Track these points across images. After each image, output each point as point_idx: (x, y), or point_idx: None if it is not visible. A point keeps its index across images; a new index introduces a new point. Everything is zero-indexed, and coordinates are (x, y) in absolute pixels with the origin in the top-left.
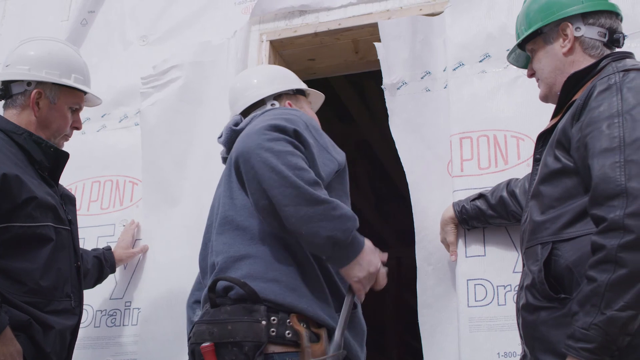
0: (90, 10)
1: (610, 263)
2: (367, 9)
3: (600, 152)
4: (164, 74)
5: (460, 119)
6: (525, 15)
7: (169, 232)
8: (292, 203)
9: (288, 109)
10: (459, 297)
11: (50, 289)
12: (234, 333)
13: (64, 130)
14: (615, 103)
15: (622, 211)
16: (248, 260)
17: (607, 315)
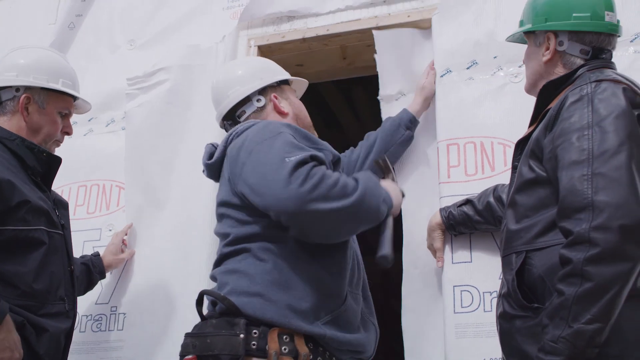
0: (78, 13)
1: (576, 276)
2: (356, 15)
3: (569, 165)
4: (151, 76)
5: (447, 126)
6: (527, 7)
7: (156, 236)
8: (357, 223)
9: (271, 124)
10: (445, 303)
11: (44, 292)
12: (212, 346)
13: (55, 136)
14: (586, 115)
15: (588, 224)
16: (235, 275)
17: (575, 329)
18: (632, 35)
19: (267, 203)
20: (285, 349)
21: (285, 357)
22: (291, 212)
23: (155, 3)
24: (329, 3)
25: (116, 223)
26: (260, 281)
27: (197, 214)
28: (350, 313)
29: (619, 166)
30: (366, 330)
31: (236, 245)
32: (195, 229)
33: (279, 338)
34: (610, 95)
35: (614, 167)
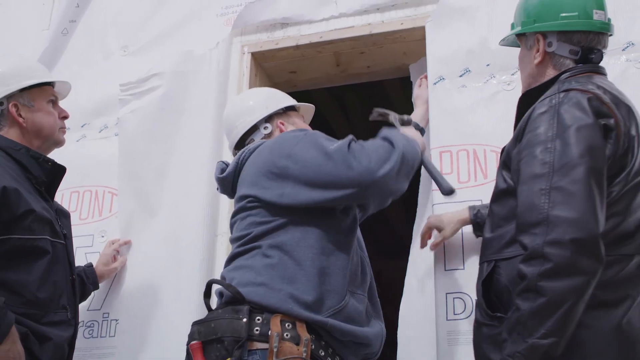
0: (72, 19)
1: (531, 291)
2: (349, 22)
3: (530, 178)
4: (144, 82)
5: (440, 133)
6: (518, 8)
7: (148, 243)
8: (411, 168)
9: (288, 132)
10: (438, 310)
11: (47, 300)
12: (216, 330)
13: (56, 125)
14: (551, 126)
15: (542, 239)
16: (241, 270)
17: (529, 344)
18: (624, 44)
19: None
20: (287, 335)
21: (287, 342)
22: (367, 186)
23: (149, 9)
24: (322, 10)
25: (109, 229)
26: (265, 273)
27: (189, 220)
28: (352, 310)
29: (577, 180)
30: (371, 327)
31: (247, 245)
32: (188, 235)
33: (281, 324)
34: (575, 106)
35: (572, 180)
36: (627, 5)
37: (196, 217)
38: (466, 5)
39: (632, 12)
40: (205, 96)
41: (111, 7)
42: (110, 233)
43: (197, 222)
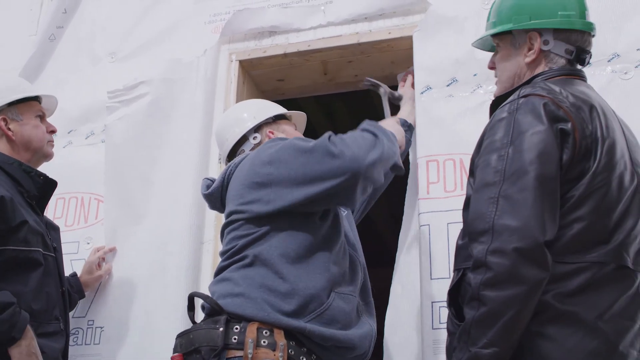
0: (59, 25)
1: (475, 300)
2: (337, 31)
3: (482, 186)
4: (132, 89)
5: (427, 143)
6: (500, 7)
7: (134, 250)
8: (394, 154)
9: (268, 141)
10: (424, 319)
11: (41, 312)
12: (194, 341)
13: (44, 138)
14: (507, 133)
15: (485, 248)
16: (222, 282)
17: (472, 352)
18: (609, 55)
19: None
20: (264, 342)
21: (263, 349)
22: (355, 173)
23: (136, 16)
24: (310, 19)
25: (94, 236)
26: (243, 283)
27: (174, 227)
28: (337, 311)
29: (525, 187)
30: (359, 327)
31: (229, 259)
32: (173, 243)
33: (258, 332)
34: (530, 112)
35: (519, 188)
36: (613, 16)
37: (182, 224)
38: (453, 16)
39: (617, 24)
40: (192, 104)
41: (99, 13)
42: (96, 240)
43: (182, 230)
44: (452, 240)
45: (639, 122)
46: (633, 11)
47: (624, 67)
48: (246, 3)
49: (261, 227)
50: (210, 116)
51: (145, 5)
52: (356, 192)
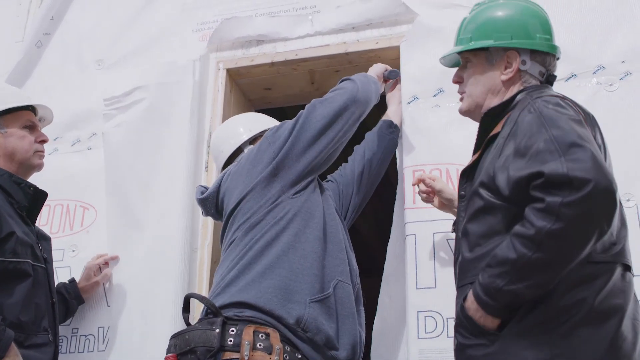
0: (46, 32)
1: (531, 244)
2: (324, 40)
3: (543, 160)
4: (127, 95)
5: (414, 152)
6: (474, 23)
7: (134, 257)
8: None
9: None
10: (409, 328)
11: (29, 323)
12: (189, 341)
13: (30, 149)
14: (540, 123)
15: (559, 200)
16: (228, 285)
17: (515, 288)
18: (595, 67)
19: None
20: (260, 345)
21: (259, 352)
22: (357, 98)
23: (124, 24)
24: (298, 28)
25: (80, 244)
26: (247, 288)
27: (173, 233)
28: (341, 294)
29: (585, 157)
30: (341, 329)
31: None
32: (172, 249)
33: (254, 335)
34: (556, 105)
35: (580, 157)
36: (598, 29)
37: (179, 230)
38: (440, 26)
39: (602, 37)
40: (189, 107)
41: (86, 21)
42: (81, 247)
43: (180, 235)
44: (437, 250)
45: (623, 133)
46: (618, 24)
47: (609, 79)
48: (234, 12)
49: (262, 234)
50: (202, 122)
51: (132, 13)
52: (362, 115)
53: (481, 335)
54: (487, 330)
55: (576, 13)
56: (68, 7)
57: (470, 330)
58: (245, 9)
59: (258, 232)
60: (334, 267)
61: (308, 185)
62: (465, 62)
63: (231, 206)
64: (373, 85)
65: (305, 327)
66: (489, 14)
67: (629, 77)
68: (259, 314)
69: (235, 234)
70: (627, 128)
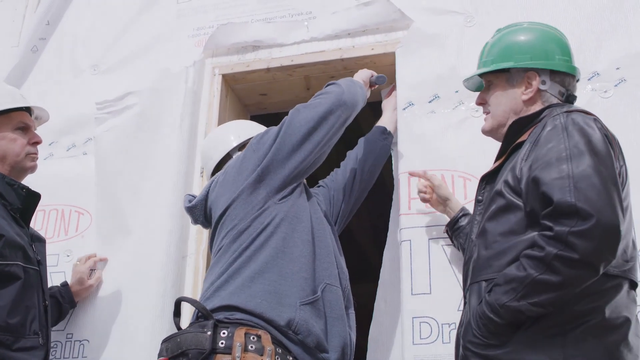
0: (42, 37)
1: (543, 265)
2: (320, 46)
3: (552, 180)
4: (120, 100)
5: (409, 158)
6: (496, 47)
7: (121, 261)
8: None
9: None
10: (405, 334)
11: (18, 326)
12: (181, 344)
13: (22, 152)
14: (562, 139)
15: (567, 229)
16: (218, 290)
17: (522, 304)
18: (590, 73)
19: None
20: (252, 347)
21: (251, 353)
22: (343, 101)
23: (119, 29)
24: (293, 34)
25: (74, 249)
26: (238, 290)
27: (158, 237)
28: (330, 297)
29: (596, 185)
30: (331, 331)
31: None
32: (159, 254)
33: (245, 337)
34: (582, 123)
35: (592, 184)
36: (592, 36)
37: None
38: (436, 33)
39: (597, 43)
40: (180, 114)
41: (82, 26)
42: (76, 252)
43: (167, 241)
44: (432, 256)
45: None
46: (612, 31)
47: (604, 85)
48: (230, 17)
49: (250, 240)
50: (195, 128)
51: (128, 18)
52: (348, 119)
53: (493, 336)
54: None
55: (571, 20)
56: (63, 13)
57: (482, 332)
58: (241, 15)
59: (246, 238)
60: (322, 271)
61: (294, 190)
62: (488, 85)
63: (218, 213)
64: (359, 89)
65: (296, 329)
66: (510, 38)
67: (624, 83)
68: (249, 316)
69: (224, 240)
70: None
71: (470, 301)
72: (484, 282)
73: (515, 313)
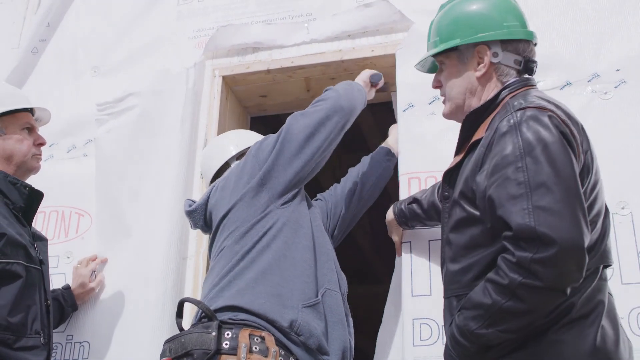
0: (42, 38)
1: (508, 292)
2: (320, 48)
3: (507, 200)
4: (121, 101)
5: (409, 160)
6: (441, 25)
7: (120, 264)
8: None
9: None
10: (405, 336)
11: (19, 325)
12: (185, 344)
13: (29, 152)
14: (517, 144)
15: (530, 255)
16: (221, 291)
17: (490, 332)
18: (590, 75)
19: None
20: (256, 348)
21: (256, 355)
22: (340, 106)
23: (119, 31)
24: (294, 36)
25: (75, 250)
26: (242, 289)
27: (157, 239)
28: (330, 301)
29: (557, 199)
30: (331, 335)
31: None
32: (159, 255)
33: (250, 338)
34: (536, 123)
35: (553, 200)
36: (592, 37)
37: (169, 239)
38: None
39: (597, 45)
40: (181, 116)
41: (82, 27)
42: (76, 254)
43: (167, 243)
44: (433, 257)
45: (618, 141)
46: (612, 33)
47: (604, 87)
48: (230, 19)
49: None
50: (195, 130)
51: (128, 20)
52: (347, 124)
53: (467, 358)
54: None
55: (571, 22)
56: (64, 14)
57: (457, 352)
58: (242, 17)
59: (248, 240)
60: (323, 276)
61: (295, 196)
62: (441, 65)
63: (220, 216)
64: (357, 93)
65: (299, 330)
66: (453, 12)
67: (624, 85)
68: (253, 317)
69: (225, 242)
70: (621, 136)
71: (445, 317)
72: (454, 298)
73: (484, 340)
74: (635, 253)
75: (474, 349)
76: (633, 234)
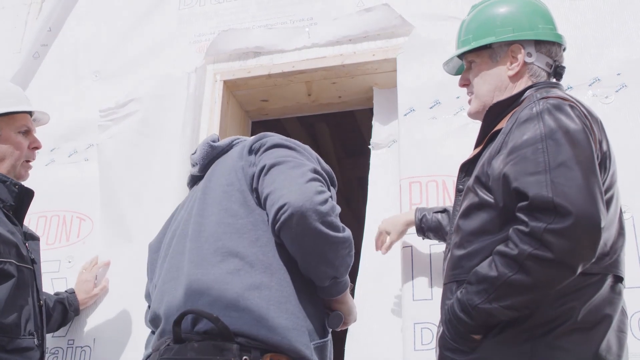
0: (43, 43)
1: (515, 264)
2: (321, 52)
3: (524, 175)
4: (123, 107)
5: (410, 164)
6: (474, 23)
7: (123, 268)
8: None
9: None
10: (405, 340)
11: (12, 326)
12: None
13: (22, 156)
14: (538, 129)
15: (543, 225)
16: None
17: (493, 307)
18: (591, 79)
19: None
20: None
21: None
22: (295, 208)
23: (120, 35)
24: (295, 40)
25: (76, 255)
26: (251, 296)
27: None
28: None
29: (575, 178)
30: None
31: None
32: None
33: None
34: (560, 111)
35: (570, 178)
36: (594, 41)
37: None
38: (437, 39)
39: (598, 49)
40: (182, 119)
41: (84, 32)
42: (77, 258)
43: None
44: (434, 262)
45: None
46: (614, 37)
47: (605, 91)
48: (231, 24)
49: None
50: (196, 134)
51: (129, 25)
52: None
53: (462, 340)
54: (468, 337)
55: (572, 26)
56: (65, 19)
57: (452, 335)
58: (243, 21)
59: None
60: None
61: None
62: (470, 64)
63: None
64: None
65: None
66: (488, 12)
67: (625, 89)
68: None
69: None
70: (622, 140)
71: (443, 302)
72: (455, 283)
73: (487, 315)
74: (636, 257)
75: (473, 324)
76: (634, 238)
